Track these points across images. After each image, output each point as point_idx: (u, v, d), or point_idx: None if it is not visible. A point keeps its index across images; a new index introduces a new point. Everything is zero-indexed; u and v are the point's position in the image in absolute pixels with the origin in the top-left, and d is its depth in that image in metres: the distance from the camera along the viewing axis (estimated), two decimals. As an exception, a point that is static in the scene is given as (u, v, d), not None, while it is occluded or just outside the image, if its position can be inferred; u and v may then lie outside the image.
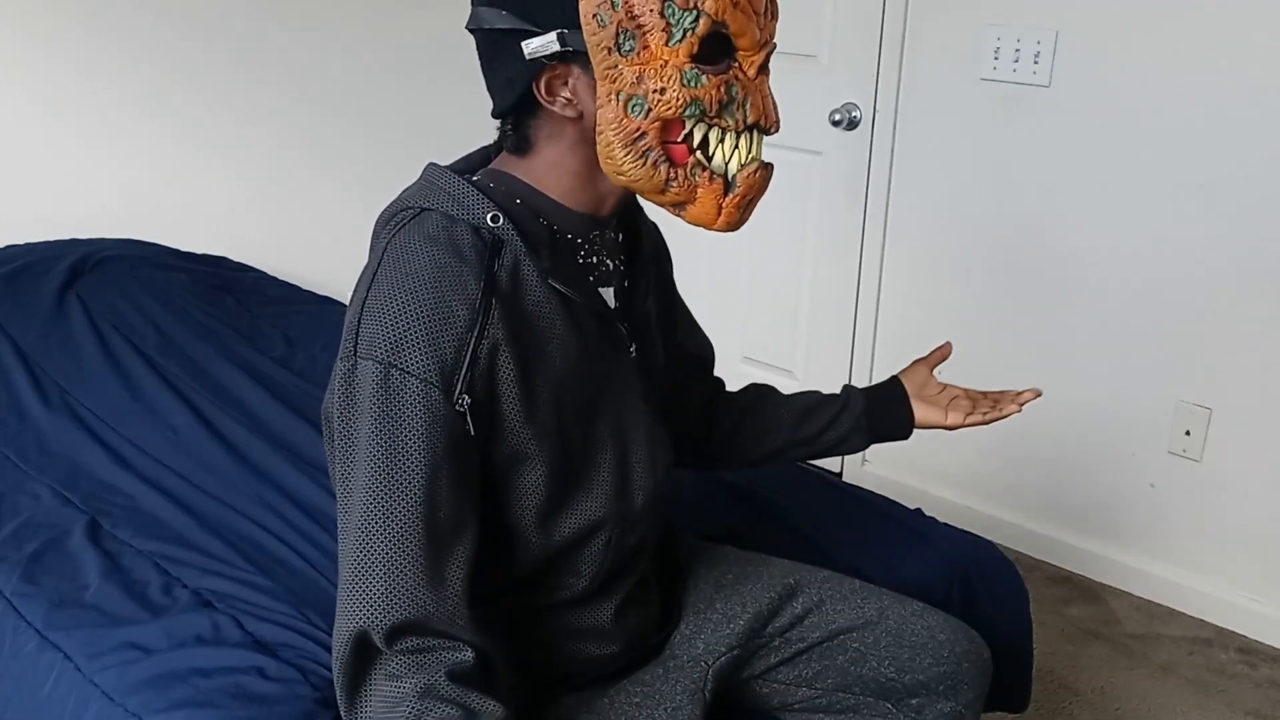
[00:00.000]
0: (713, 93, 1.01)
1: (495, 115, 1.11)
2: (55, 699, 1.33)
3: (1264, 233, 2.17)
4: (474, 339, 0.99)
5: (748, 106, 1.04)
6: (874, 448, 2.92)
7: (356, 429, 0.99)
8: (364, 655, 0.99)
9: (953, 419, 1.41)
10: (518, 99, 1.06)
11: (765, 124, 1.06)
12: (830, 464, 2.89)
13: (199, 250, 2.46)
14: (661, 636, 1.29)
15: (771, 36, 1.05)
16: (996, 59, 2.42)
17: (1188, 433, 2.35)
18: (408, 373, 0.97)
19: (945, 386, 1.44)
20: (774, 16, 1.06)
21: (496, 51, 1.05)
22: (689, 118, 1.01)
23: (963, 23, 2.46)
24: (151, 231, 2.44)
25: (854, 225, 2.74)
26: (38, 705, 1.34)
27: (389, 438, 0.97)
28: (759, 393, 1.46)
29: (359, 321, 1.00)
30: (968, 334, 2.64)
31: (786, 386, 3.57)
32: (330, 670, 1.32)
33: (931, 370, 1.45)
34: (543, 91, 1.04)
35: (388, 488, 0.97)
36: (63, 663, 1.35)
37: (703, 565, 1.36)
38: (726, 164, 1.05)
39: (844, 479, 2.71)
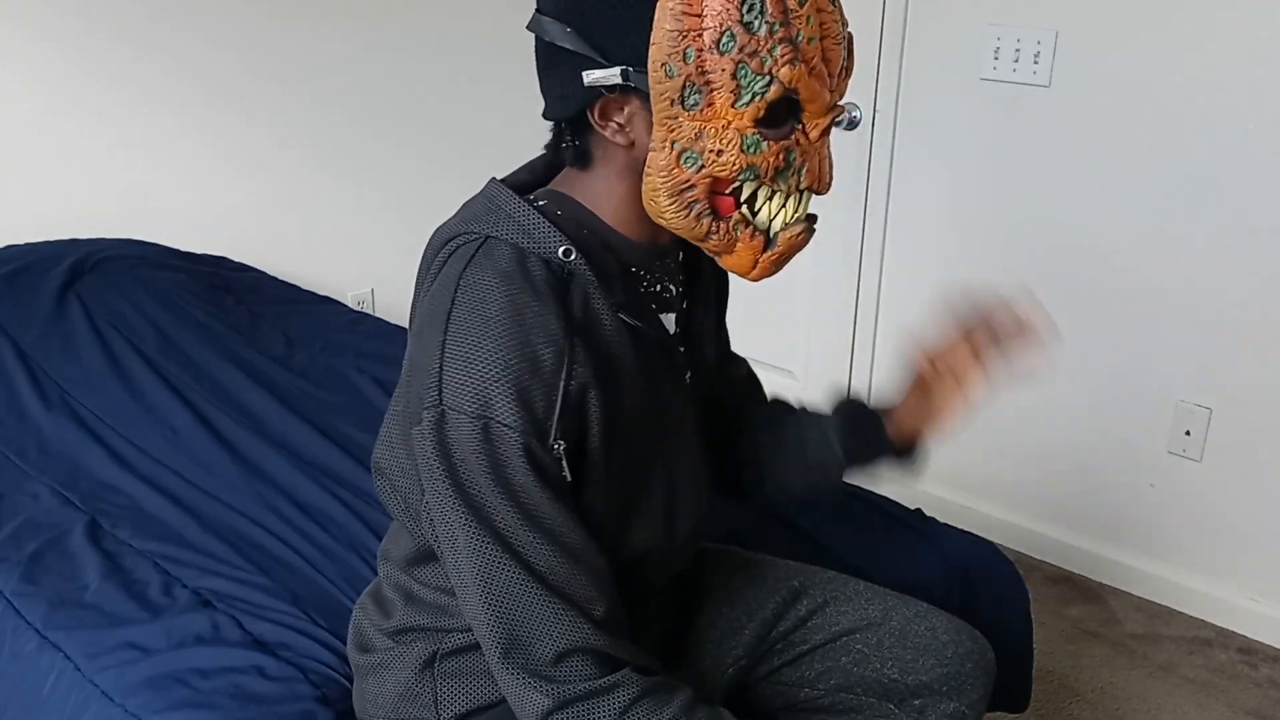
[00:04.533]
0: (770, 159, 0.97)
1: (547, 118, 1.07)
2: (55, 699, 1.33)
3: (1264, 232, 2.17)
4: (563, 383, 0.96)
5: (803, 172, 1.00)
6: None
7: (464, 480, 0.97)
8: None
9: (947, 399, 1.22)
10: (571, 114, 1.02)
11: (818, 188, 1.03)
12: (830, 464, 2.89)
13: (199, 250, 2.46)
14: (670, 645, 1.28)
15: (842, 95, 1.01)
16: (996, 59, 2.41)
17: (1188, 433, 2.35)
18: (506, 426, 0.95)
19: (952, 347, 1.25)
20: (849, 74, 1.01)
21: (554, 65, 1.01)
22: (742, 179, 0.98)
23: (963, 23, 2.46)
24: (151, 231, 2.43)
25: (854, 225, 2.73)
26: (37, 705, 1.34)
27: (507, 487, 0.96)
28: (779, 405, 1.37)
29: (441, 369, 0.97)
30: (968, 334, 2.64)
31: (787, 387, 3.54)
32: (329, 669, 1.33)
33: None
34: (596, 115, 1.00)
35: (524, 533, 0.97)
36: (62, 663, 1.35)
37: (708, 569, 1.35)
38: (770, 221, 1.02)
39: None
